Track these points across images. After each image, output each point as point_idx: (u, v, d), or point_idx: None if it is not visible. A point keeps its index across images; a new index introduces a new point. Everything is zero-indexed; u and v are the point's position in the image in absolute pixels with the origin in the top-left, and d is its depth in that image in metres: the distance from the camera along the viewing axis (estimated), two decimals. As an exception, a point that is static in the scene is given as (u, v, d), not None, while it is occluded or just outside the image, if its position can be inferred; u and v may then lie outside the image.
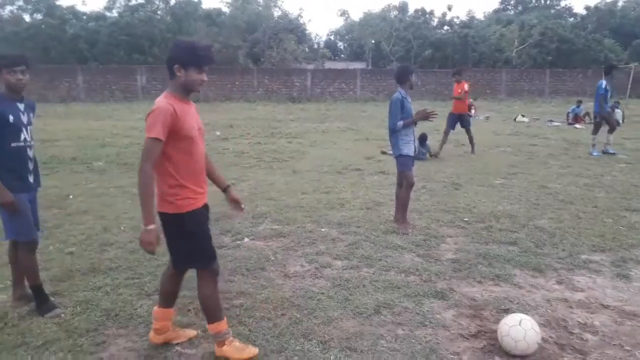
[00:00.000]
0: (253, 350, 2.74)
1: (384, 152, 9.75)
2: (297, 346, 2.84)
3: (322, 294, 3.52)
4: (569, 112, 16.65)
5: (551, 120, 16.62)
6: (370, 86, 29.17)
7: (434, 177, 7.59)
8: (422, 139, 9.24)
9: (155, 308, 2.87)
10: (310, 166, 8.73)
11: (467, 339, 2.96)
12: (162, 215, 2.56)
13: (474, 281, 3.80)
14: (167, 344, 2.86)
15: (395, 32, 37.84)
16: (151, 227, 2.44)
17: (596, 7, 42.80)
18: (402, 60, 34.25)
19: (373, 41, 37.79)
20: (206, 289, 2.70)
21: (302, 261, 4.20)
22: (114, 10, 34.99)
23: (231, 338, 2.76)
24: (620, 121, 15.19)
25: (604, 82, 9.83)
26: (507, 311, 3.22)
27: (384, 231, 4.99)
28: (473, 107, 19.19)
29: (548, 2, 47.45)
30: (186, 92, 2.56)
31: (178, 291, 2.88)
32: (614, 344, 2.90)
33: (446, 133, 10.09)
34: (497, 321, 3.01)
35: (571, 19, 42.08)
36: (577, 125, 15.17)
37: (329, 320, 3.13)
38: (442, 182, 7.35)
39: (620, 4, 44.49)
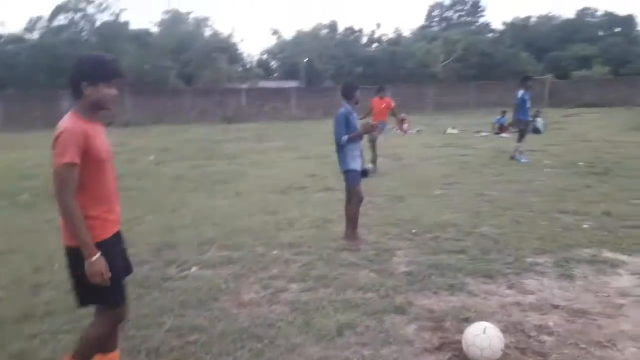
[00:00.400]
0: None
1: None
2: (261, 379, 2.71)
3: (281, 320, 3.39)
4: (494, 122, 17.59)
5: (479, 131, 17.48)
6: (305, 104, 29.31)
7: (375, 191, 7.67)
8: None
9: (97, 356, 2.56)
10: (253, 187, 8.57)
11: (432, 352, 2.96)
12: (68, 249, 2.32)
13: (429, 292, 3.82)
14: (117, 392, 2.61)
15: (327, 50, 38.56)
16: (96, 257, 2.23)
17: (512, 23, 46.04)
18: (334, 78, 34.89)
19: (306, 59, 38.23)
20: (100, 329, 2.45)
21: (257, 287, 4.05)
22: (34, 32, 33.02)
23: None
24: (542, 129, 16.26)
25: (520, 93, 10.51)
26: (466, 320, 3.26)
27: (336, 249, 4.94)
28: (406, 121, 19.84)
29: (469, 19, 50.38)
30: (94, 111, 2.38)
31: (114, 332, 2.59)
32: (570, 343, 3.00)
33: (373, 141, 10.19)
34: (459, 331, 3.04)
35: (490, 35, 44.87)
36: (504, 135, 16.04)
37: (292, 348, 3.01)
38: (385, 195, 7.45)
39: (533, 19, 48.17)
